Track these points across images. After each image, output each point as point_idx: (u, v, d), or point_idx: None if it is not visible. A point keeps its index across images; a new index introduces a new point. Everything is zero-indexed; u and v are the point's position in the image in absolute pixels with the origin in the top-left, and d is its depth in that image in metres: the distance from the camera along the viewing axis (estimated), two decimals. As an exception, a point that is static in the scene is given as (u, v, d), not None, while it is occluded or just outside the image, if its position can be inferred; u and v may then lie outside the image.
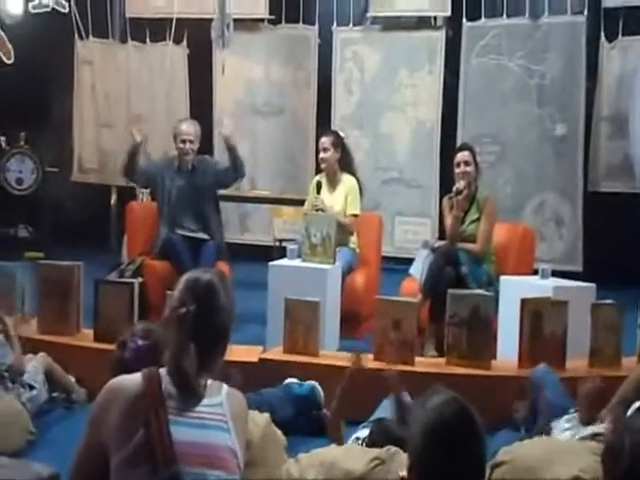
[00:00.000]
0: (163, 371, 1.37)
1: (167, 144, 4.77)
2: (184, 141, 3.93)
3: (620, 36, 5.26)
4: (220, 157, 5.88)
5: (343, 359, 2.93)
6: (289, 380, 2.68)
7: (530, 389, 2.57)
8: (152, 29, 6.03)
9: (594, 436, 2.07)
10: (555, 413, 2.40)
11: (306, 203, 4.05)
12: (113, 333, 2.03)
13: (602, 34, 5.31)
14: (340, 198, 3.94)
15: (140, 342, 1.76)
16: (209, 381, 1.38)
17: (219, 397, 1.36)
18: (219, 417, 1.34)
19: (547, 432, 2.37)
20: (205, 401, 1.34)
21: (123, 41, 6.14)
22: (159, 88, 6.07)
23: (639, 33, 5.11)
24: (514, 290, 3.19)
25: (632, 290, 3.33)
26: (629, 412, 2.34)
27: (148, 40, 6.06)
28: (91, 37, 6.14)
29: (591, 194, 5.36)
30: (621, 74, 5.29)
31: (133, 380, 1.34)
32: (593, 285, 3.25)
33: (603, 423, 2.26)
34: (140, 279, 3.41)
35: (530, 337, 2.82)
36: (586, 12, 5.30)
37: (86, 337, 3.01)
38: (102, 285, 3.01)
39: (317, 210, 3.82)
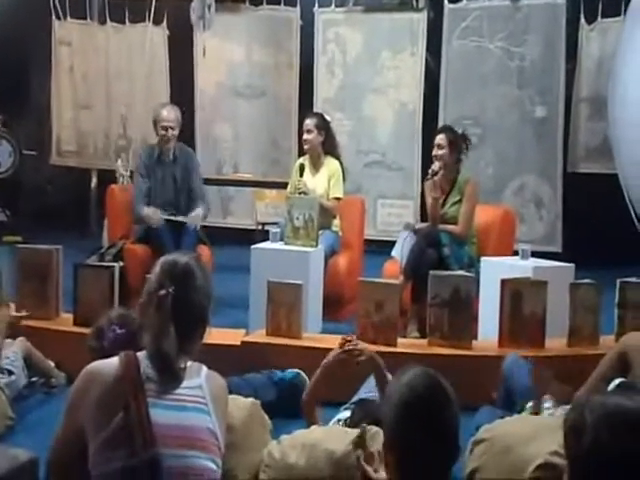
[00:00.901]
0: (141, 354, 1.37)
1: (146, 126, 4.72)
2: (165, 128, 3.87)
3: (599, 18, 5.29)
4: (201, 145, 5.90)
5: (326, 341, 2.96)
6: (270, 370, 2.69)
7: (502, 378, 2.60)
8: (131, 10, 5.93)
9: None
10: (527, 398, 2.43)
11: (289, 186, 4.04)
12: (93, 317, 2.01)
13: (582, 16, 5.33)
14: (323, 181, 3.93)
15: (118, 330, 1.75)
16: (188, 363, 1.38)
17: (198, 379, 1.37)
18: (199, 399, 1.34)
19: (536, 412, 2.41)
20: (185, 383, 1.35)
21: (102, 22, 6.04)
22: (139, 70, 5.99)
23: (618, 15, 5.13)
24: (495, 271, 3.23)
25: (610, 270, 3.38)
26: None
27: (127, 21, 5.97)
28: (69, 18, 6.03)
29: (570, 175, 5.42)
30: (600, 56, 5.32)
31: (110, 364, 1.34)
32: (572, 265, 3.29)
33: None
34: (121, 263, 3.38)
35: (510, 317, 2.85)
36: (566, -7, 5.32)
37: (65, 321, 2.98)
38: (82, 269, 2.98)
39: (300, 193, 3.81)
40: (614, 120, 4.76)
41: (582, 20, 5.33)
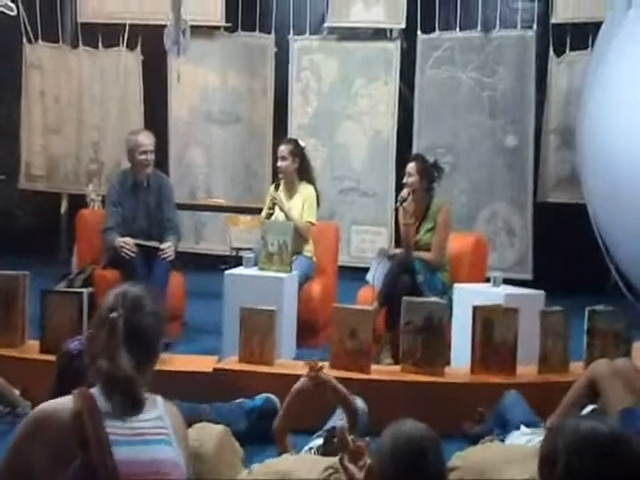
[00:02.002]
0: (94, 390, 1.32)
1: (119, 150, 4.69)
2: (144, 152, 3.82)
3: (568, 51, 5.45)
4: (174, 170, 5.87)
5: (299, 368, 2.93)
6: (239, 400, 2.66)
7: (495, 408, 2.61)
8: (105, 34, 5.92)
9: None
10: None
11: (263, 210, 4.03)
12: (60, 344, 1.97)
13: (551, 49, 5.49)
14: (297, 206, 3.94)
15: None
16: (145, 394, 1.35)
17: (157, 410, 1.34)
18: (160, 430, 1.31)
19: (501, 441, 2.41)
20: (144, 415, 1.32)
21: (74, 46, 6.01)
22: (112, 94, 5.97)
23: (585, 48, 5.29)
24: (467, 298, 3.25)
25: (579, 297, 3.44)
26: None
27: (100, 45, 5.96)
28: (40, 41, 6.00)
29: (540, 204, 5.52)
30: (569, 88, 5.47)
31: (63, 403, 1.29)
32: (542, 292, 3.34)
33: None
34: (90, 289, 3.32)
35: (482, 344, 2.87)
36: (535, 27, 5.48)
37: (32, 348, 2.91)
38: (49, 295, 2.92)
39: (272, 207, 3.81)
40: (582, 151, 4.88)
41: (551, 52, 5.49)
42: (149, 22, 5.72)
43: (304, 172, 4.01)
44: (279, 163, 3.98)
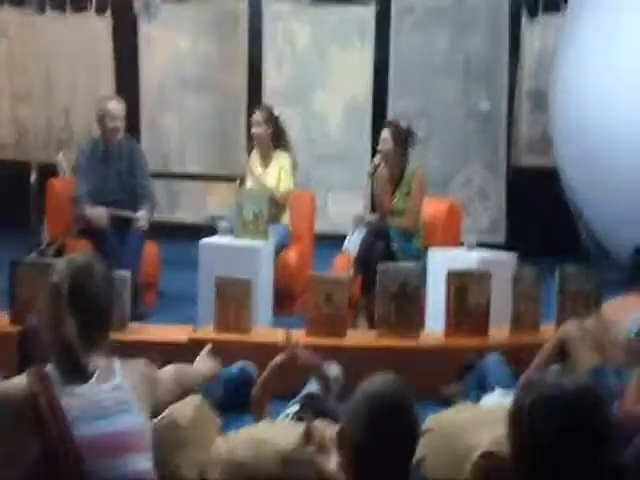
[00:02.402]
0: (50, 367, 1.30)
1: (90, 118, 4.57)
2: (114, 119, 3.73)
3: (541, 13, 5.43)
4: (146, 136, 5.77)
5: (276, 335, 2.95)
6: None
7: (475, 369, 2.65)
8: (73, -3, 5.74)
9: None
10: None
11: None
12: (30, 315, 1.94)
13: (524, 11, 5.46)
14: (273, 174, 3.91)
15: None
16: (101, 362, 1.33)
17: (114, 379, 1.33)
18: (120, 400, 1.30)
19: (476, 402, 2.47)
20: (102, 387, 1.30)
21: (41, 10, 5.82)
22: (81, 60, 5.81)
23: (558, 10, 5.27)
24: (441, 262, 3.29)
25: (551, 260, 3.49)
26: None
27: (68, 9, 5.77)
28: (6, 5, 5.79)
29: (514, 168, 5.56)
30: (542, 50, 5.47)
31: (16, 384, 1.25)
32: (514, 254, 3.39)
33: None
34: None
35: (455, 308, 2.91)
36: (509, -11, 5.44)
37: (1, 320, 2.87)
38: (19, 266, 2.86)
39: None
40: (554, 114, 4.90)
41: (524, 15, 5.46)
42: (118, -15, 5.55)
43: (279, 139, 3.98)
44: (253, 130, 3.94)
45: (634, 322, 2.66)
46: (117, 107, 3.77)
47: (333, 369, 2.38)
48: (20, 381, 1.26)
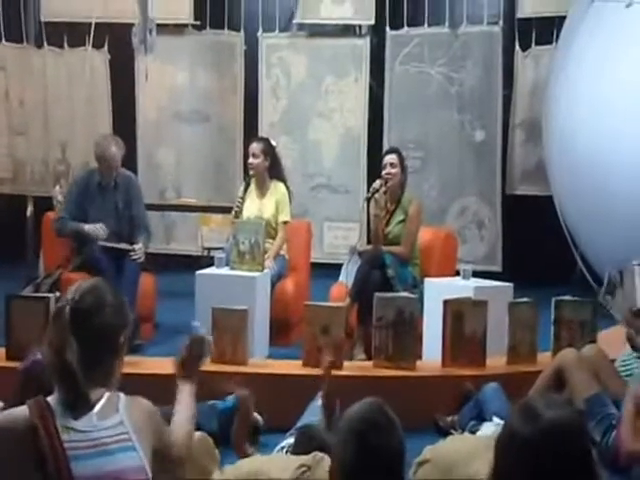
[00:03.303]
0: (52, 399, 1.27)
1: (86, 153, 4.63)
2: (110, 167, 3.78)
3: (533, 45, 5.53)
4: (143, 170, 5.81)
5: (272, 367, 2.94)
6: (212, 402, 2.65)
7: (473, 399, 2.64)
8: (70, 33, 5.83)
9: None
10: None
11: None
12: (26, 350, 1.93)
13: (517, 43, 5.57)
14: (269, 205, 3.93)
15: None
16: (105, 395, 1.31)
17: (117, 415, 1.29)
18: (122, 437, 1.27)
19: (473, 432, 2.45)
20: (104, 423, 1.28)
21: (39, 45, 5.91)
22: (78, 94, 5.88)
23: (550, 42, 5.38)
24: (438, 291, 3.29)
25: (547, 288, 3.50)
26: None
27: (66, 45, 5.86)
28: (4, 41, 5.88)
29: (509, 197, 5.60)
30: (534, 82, 5.56)
31: (17, 415, 1.22)
32: (510, 284, 3.39)
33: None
34: (58, 293, 3.28)
35: (452, 337, 2.91)
36: (501, 22, 5.55)
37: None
38: (14, 300, 2.86)
39: (241, 205, 3.83)
40: (547, 145, 4.96)
41: (517, 47, 5.57)
42: (115, 21, 5.64)
43: (275, 171, 4.01)
44: (250, 160, 3.97)
45: None
46: (115, 152, 3.78)
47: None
48: (22, 412, 1.23)
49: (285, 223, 3.92)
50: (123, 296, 1.43)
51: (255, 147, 3.96)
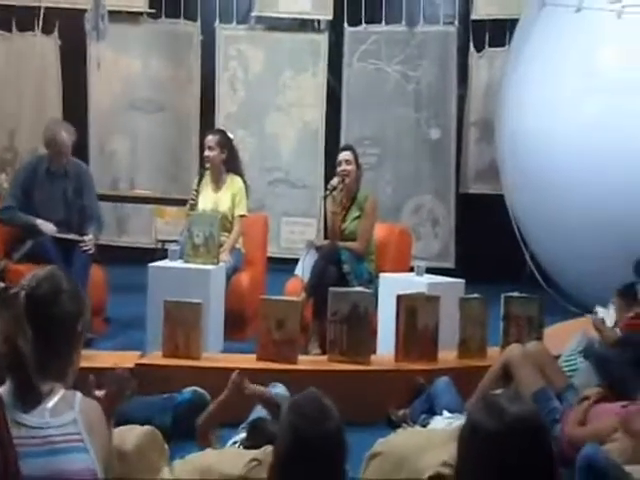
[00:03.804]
0: (3, 390, 1.25)
1: (35, 141, 4.49)
2: (59, 152, 3.67)
3: (487, 46, 5.65)
4: (95, 160, 5.67)
5: (226, 361, 2.92)
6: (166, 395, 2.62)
7: (425, 393, 2.68)
8: (19, 18, 5.63)
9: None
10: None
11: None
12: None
13: (471, 44, 5.67)
14: (225, 199, 3.90)
15: None
16: (60, 392, 1.28)
17: (72, 412, 1.27)
18: (73, 437, 1.25)
19: (424, 426, 2.50)
20: (55, 421, 1.25)
21: (-14, 29, 5.69)
22: (27, 81, 5.69)
23: (504, 45, 5.50)
24: (392, 287, 3.33)
25: (497, 285, 3.59)
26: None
27: (15, 29, 5.66)
28: (-51, 23, 5.64)
29: (462, 195, 5.71)
30: (488, 82, 5.68)
31: None
32: (462, 281, 3.47)
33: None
34: (2, 284, 3.16)
35: (405, 332, 2.95)
36: (457, 23, 5.64)
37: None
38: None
39: (196, 197, 3.78)
40: (500, 145, 5.08)
41: (472, 48, 5.67)
42: (67, 6, 5.48)
43: (232, 164, 3.97)
44: (206, 153, 3.92)
45: (577, 341, 2.76)
46: (64, 138, 3.67)
47: (280, 390, 2.37)
48: None
49: (241, 217, 3.90)
50: (77, 284, 1.41)
51: (211, 139, 3.91)
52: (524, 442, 1.12)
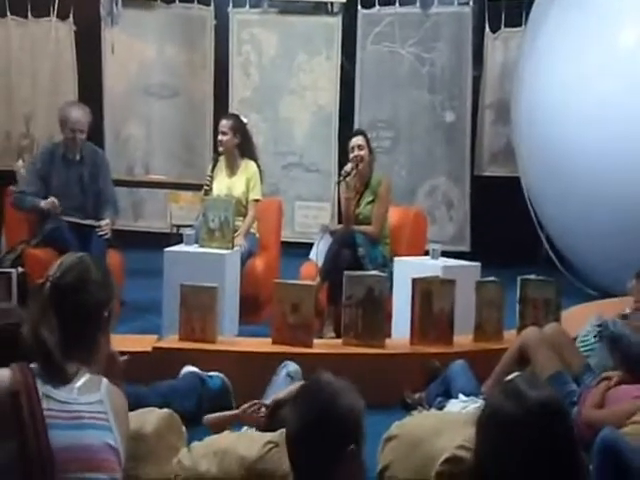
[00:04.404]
0: (34, 367, 1.28)
1: (51, 127, 4.51)
2: (73, 130, 3.68)
3: (503, 27, 5.56)
4: (110, 145, 5.70)
5: (241, 344, 2.94)
6: (188, 369, 2.64)
7: (440, 376, 2.68)
8: (34, 3, 5.65)
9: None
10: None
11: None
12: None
13: (486, 25, 5.59)
14: (240, 183, 3.90)
15: None
16: (87, 375, 1.32)
17: (98, 393, 1.30)
18: (100, 415, 1.28)
19: (439, 409, 2.50)
20: (84, 398, 1.28)
21: (2, 15, 5.71)
22: (43, 67, 5.71)
23: (520, 25, 5.41)
24: (407, 270, 3.32)
25: (513, 267, 3.57)
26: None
27: (30, 15, 5.68)
28: (-35, 10, 5.67)
29: (477, 178, 5.66)
30: (504, 63, 5.60)
31: (0, 379, 1.23)
32: (478, 264, 3.45)
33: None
34: (20, 269, 3.20)
35: (420, 315, 2.94)
36: (471, 3, 5.56)
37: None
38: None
39: (211, 182, 3.78)
40: (516, 126, 5.02)
41: (487, 29, 5.59)
42: (80, -9, 5.50)
43: (246, 148, 3.96)
44: (219, 137, 3.91)
45: (593, 322, 2.74)
46: (79, 115, 3.71)
47: (291, 367, 2.39)
48: (2, 376, 1.23)
49: (256, 201, 3.90)
50: (107, 269, 1.42)
51: (225, 124, 3.90)
52: (545, 426, 1.12)
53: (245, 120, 4.05)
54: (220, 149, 3.94)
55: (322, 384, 1.25)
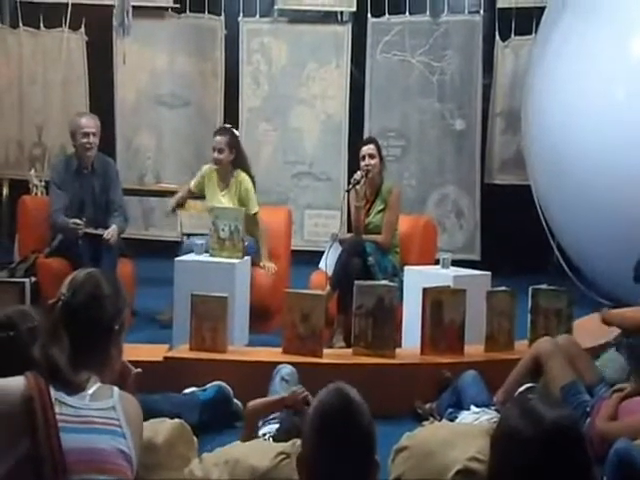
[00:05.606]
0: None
1: (63, 135, 4.55)
2: (86, 134, 3.71)
3: (513, 35, 5.56)
4: (122, 155, 5.73)
5: (251, 354, 2.94)
6: (191, 389, 2.65)
7: (451, 387, 2.66)
8: (46, 14, 5.71)
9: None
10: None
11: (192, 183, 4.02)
12: None
13: (497, 33, 5.59)
14: (232, 196, 3.88)
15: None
16: (98, 384, 1.33)
17: (111, 400, 1.32)
18: (112, 422, 1.29)
19: (451, 420, 2.48)
20: (97, 404, 1.30)
21: (14, 26, 5.78)
22: (55, 77, 5.77)
23: (530, 33, 5.41)
24: (417, 280, 3.31)
25: (524, 277, 3.55)
26: (516, 393, 2.50)
27: (42, 26, 5.74)
28: (-23, 21, 5.75)
29: (487, 186, 5.64)
30: (514, 72, 5.59)
31: (15, 383, 1.26)
32: (489, 273, 3.43)
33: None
34: (33, 278, 3.22)
35: (431, 325, 2.93)
36: (482, 12, 5.57)
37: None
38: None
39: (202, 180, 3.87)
40: (527, 134, 5.00)
41: (497, 37, 5.59)
42: (93, 2, 5.54)
43: (239, 161, 3.94)
44: (215, 155, 3.86)
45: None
46: (90, 122, 3.75)
47: (287, 369, 2.38)
48: (17, 382, 1.26)
49: (256, 214, 3.88)
50: (118, 282, 1.44)
51: (220, 141, 3.85)
52: (561, 448, 1.11)
53: (237, 133, 4.05)
54: (216, 166, 3.92)
55: (343, 398, 1.22)
